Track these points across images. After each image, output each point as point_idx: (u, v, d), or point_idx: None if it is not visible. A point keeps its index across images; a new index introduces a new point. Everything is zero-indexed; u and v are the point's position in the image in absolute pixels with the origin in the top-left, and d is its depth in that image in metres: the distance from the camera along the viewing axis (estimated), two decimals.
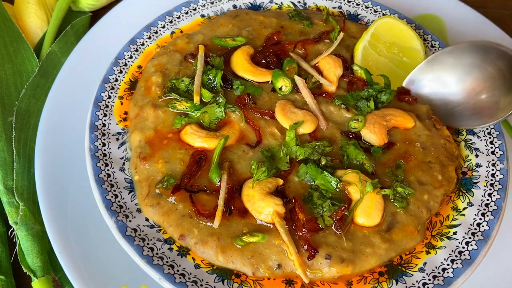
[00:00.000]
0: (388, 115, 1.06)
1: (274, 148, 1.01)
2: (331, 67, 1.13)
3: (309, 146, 1.00)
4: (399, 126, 1.06)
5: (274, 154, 1.00)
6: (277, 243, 0.90)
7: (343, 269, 0.89)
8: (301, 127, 1.02)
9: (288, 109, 1.05)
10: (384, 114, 1.07)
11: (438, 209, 0.99)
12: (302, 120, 1.03)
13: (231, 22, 1.23)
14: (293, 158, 1.00)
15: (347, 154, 1.00)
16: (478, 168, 1.04)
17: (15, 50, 1.32)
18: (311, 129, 1.03)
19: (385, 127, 1.05)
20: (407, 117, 1.07)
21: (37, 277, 1.03)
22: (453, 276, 0.91)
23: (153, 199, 0.95)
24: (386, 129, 1.05)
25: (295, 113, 1.04)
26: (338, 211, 0.92)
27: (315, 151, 0.99)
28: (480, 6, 1.59)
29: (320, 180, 0.96)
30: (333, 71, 1.12)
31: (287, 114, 1.04)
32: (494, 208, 0.98)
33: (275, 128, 1.04)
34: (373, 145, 1.04)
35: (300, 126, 1.02)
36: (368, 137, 1.04)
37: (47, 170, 1.13)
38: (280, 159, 0.99)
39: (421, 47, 1.19)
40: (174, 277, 0.88)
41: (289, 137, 1.01)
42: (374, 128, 1.04)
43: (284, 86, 1.07)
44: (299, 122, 1.02)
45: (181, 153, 0.99)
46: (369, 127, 1.04)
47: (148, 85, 1.10)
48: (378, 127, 1.04)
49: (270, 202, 0.91)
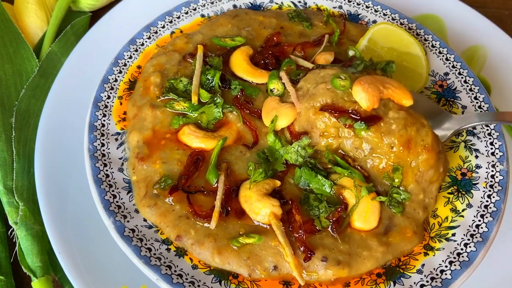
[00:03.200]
0: (387, 83, 0.97)
1: (270, 149, 1.00)
2: (322, 55, 1.13)
3: (291, 151, 0.98)
4: (394, 99, 0.97)
5: (269, 155, 1.00)
6: (273, 245, 0.90)
7: (339, 272, 0.88)
8: (279, 121, 1.00)
9: (270, 106, 1.03)
10: (384, 80, 0.98)
11: (434, 206, 0.98)
12: (275, 115, 1.00)
13: (230, 22, 1.23)
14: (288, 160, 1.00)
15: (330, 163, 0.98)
16: (477, 169, 1.03)
17: (15, 50, 1.32)
18: (288, 120, 1.00)
19: (380, 92, 0.95)
20: (407, 93, 0.97)
21: (37, 277, 1.04)
22: (451, 278, 0.90)
23: (150, 200, 0.95)
24: (380, 94, 0.95)
25: (274, 108, 1.02)
26: (334, 213, 0.92)
27: (299, 156, 0.98)
28: (480, 6, 1.58)
29: (315, 184, 0.96)
30: (323, 57, 1.13)
31: (268, 112, 1.02)
32: (493, 209, 0.97)
33: None
34: (360, 107, 0.94)
35: (276, 121, 1.00)
36: (359, 95, 0.94)
37: (47, 170, 1.13)
38: (276, 160, 0.99)
39: (421, 53, 1.16)
40: (172, 277, 0.88)
41: (270, 141, 1.00)
42: (369, 88, 0.94)
43: (276, 89, 1.07)
44: (274, 118, 1.00)
45: (179, 154, 0.99)
46: (364, 85, 0.94)
47: (146, 85, 1.10)
48: (373, 88, 0.94)
49: (267, 203, 0.91)
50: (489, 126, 1.08)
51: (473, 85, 1.15)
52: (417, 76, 1.17)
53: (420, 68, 1.17)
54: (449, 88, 1.16)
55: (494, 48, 1.43)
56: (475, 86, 1.15)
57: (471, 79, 1.16)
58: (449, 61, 1.19)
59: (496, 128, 1.08)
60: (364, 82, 0.95)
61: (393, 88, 0.97)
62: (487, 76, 1.40)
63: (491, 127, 1.08)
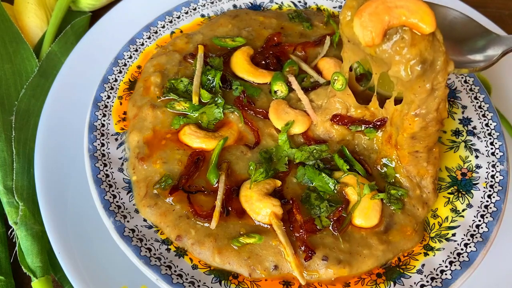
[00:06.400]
0: (399, 6, 0.74)
1: (272, 150, 1.01)
2: (330, 66, 1.12)
3: (307, 150, 0.99)
4: (410, 26, 0.75)
5: (272, 155, 1.00)
6: (274, 244, 0.90)
7: (339, 271, 0.89)
8: (294, 127, 1.02)
9: (282, 109, 1.04)
10: (394, 3, 0.75)
11: (434, 200, 0.98)
12: (293, 120, 1.02)
13: (230, 22, 1.23)
14: (291, 160, 1.00)
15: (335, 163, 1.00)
16: (478, 169, 1.03)
17: (15, 50, 1.32)
18: (303, 128, 1.03)
19: (385, 22, 0.75)
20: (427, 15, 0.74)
21: (37, 277, 1.03)
22: (451, 278, 0.90)
23: (150, 200, 0.95)
24: (385, 25, 0.76)
25: (288, 113, 1.04)
26: (335, 212, 0.92)
27: (312, 155, 0.99)
28: (480, 6, 1.58)
29: (318, 182, 0.96)
30: (333, 71, 1.12)
31: (280, 115, 1.03)
32: (493, 209, 0.97)
33: (273, 129, 1.04)
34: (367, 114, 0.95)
35: (291, 126, 1.02)
36: (356, 30, 0.78)
37: (46, 170, 1.13)
38: (278, 160, 0.99)
39: None
40: (172, 277, 0.88)
41: (281, 140, 1.01)
42: (370, 19, 0.75)
43: (280, 91, 1.07)
44: (289, 122, 1.02)
45: (179, 154, 0.99)
46: (363, 17, 0.76)
47: (147, 85, 1.10)
48: (375, 20, 0.75)
49: (268, 203, 0.91)
50: (489, 126, 1.08)
51: (473, 85, 1.15)
52: None
53: None
54: (449, 88, 1.16)
55: None
56: (475, 86, 1.15)
57: (471, 79, 1.16)
58: None
59: (496, 128, 1.08)
60: (364, 13, 0.76)
61: (408, 12, 0.75)
62: (487, 76, 1.40)
63: (491, 127, 1.08)
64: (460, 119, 1.11)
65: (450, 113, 1.13)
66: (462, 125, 1.10)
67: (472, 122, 1.10)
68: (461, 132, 1.10)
